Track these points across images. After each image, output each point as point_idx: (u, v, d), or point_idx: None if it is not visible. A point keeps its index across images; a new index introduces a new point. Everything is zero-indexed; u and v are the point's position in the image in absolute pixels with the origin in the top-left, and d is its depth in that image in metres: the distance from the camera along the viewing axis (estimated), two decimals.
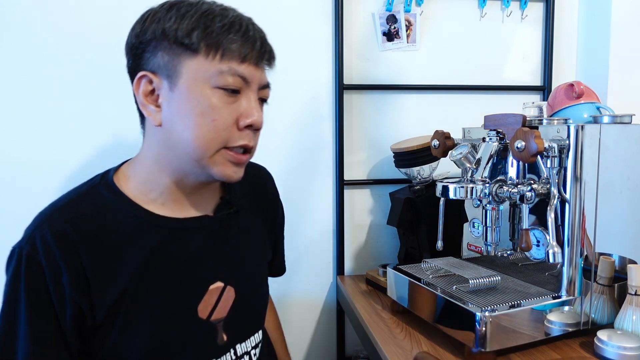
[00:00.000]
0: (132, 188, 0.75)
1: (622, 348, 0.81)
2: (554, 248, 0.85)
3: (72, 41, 1.25)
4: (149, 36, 0.69)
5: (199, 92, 0.69)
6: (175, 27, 0.68)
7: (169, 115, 0.70)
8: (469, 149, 0.95)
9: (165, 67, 0.69)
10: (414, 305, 1.02)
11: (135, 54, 0.71)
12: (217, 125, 0.69)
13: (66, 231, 0.68)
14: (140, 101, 0.72)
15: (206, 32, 0.67)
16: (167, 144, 0.72)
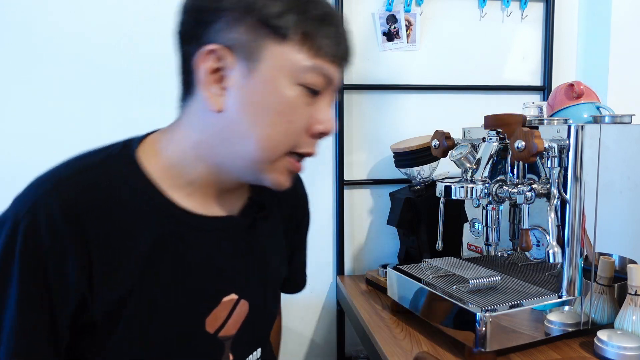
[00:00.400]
0: (158, 167, 0.63)
1: (622, 348, 0.81)
2: (554, 248, 0.85)
3: (72, 41, 1.25)
4: (227, 4, 0.58)
5: (281, 85, 0.59)
6: (265, 3, 0.57)
7: (236, 104, 0.60)
8: (469, 149, 0.95)
9: (243, 47, 0.58)
10: (414, 305, 1.02)
11: (203, 19, 0.59)
12: (291, 128, 0.61)
13: (77, 207, 0.57)
14: (201, 78, 0.60)
15: (301, 18, 0.58)
16: (222, 135, 0.61)
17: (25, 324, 0.56)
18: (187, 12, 0.62)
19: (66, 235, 0.56)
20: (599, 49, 1.44)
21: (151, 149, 0.65)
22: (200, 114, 0.62)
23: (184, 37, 0.63)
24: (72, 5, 1.24)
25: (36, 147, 1.26)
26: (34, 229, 0.55)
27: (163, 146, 0.65)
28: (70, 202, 0.57)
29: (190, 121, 0.64)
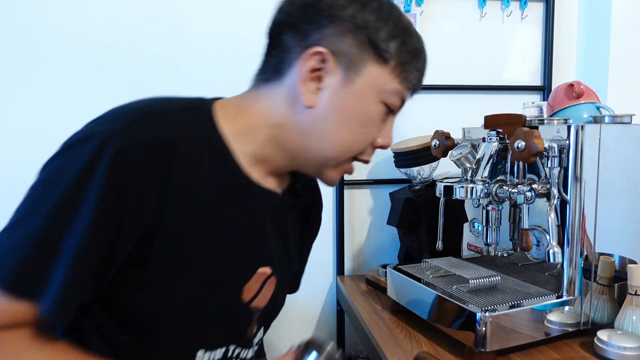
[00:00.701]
0: (231, 130, 0.66)
1: (622, 348, 0.81)
2: (554, 248, 0.85)
3: (72, 41, 1.25)
4: (345, 16, 0.62)
5: (369, 100, 0.66)
6: (376, 26, 0.63)
7: (326, 105, 0.64)
8: (469, 149, 0.95)
9: (347, 58, 0.63)
10: (414, 305, 1.02)
11: (317, 20, 0.63)
12: (365, 139, 0.68)
13: (164, 141, 0.58)
14: (301, 73, 0.64)
15: (402, 48, 0.65)
16: (304, 127, 0.66)
17: (87, 251, 0.55)
18: (302, 8, 0.64)
19: (154, 163, 0.57)
20: (599, 49, 1.44)
21: (226, 112, 0.66)
22: (286, 101, 0.66)
23: (289, 27, 0.65)
24: (72, 5, 1.24)
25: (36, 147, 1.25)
26: (124, 150, 0.55)
27: (236, 113, 0.67)
28: (159, 135, 0.58)
29: (272, 102, 0.67)
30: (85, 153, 0.55)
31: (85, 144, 0.55)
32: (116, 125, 0.57)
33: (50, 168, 0.57)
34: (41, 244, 0.55)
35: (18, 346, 0.55)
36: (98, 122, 0.59)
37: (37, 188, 0.57)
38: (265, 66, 0.68)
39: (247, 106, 0.68)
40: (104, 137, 0.55)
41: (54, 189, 0.55)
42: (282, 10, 0.66)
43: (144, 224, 0.57)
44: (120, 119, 0.58)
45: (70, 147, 0.57)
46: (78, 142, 0.57)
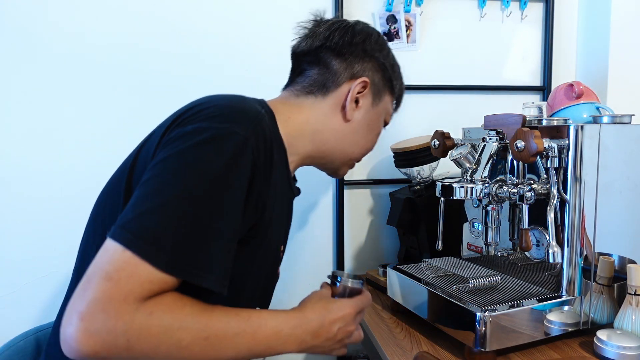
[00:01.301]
0: (284, 133, 0.79)
1: (621, 348, 0.82)
2: (553, 248, 0.85)
3: (71, 41, 1.25)
4: (377, 56, 0.87)
5: (380, 119, 0.93)
6: (392, 69, 0.91)
7: (360, 120, 0.88)
8: (469, 149, 0.95)
9: (377, 87, 0.88)
10: (414, 305, 1.03)
11: (360, 55, 0.86)
12: (372, 145, 0.95)
13: (270, 141, 0.71)
14: (351, 95, 0.85)
15: (400, 87, 0.94)
16: (340, 135, 0.87)
17: (236, 232, 0.66)
18: (351, 44, 0.85)
19: (268, 159, 0.70)
20: (598, 49, 1.44)
21: (280, 117, 0.80)
22: (329, 113, 0.86)
23: (337, 55, 0.85)
24: (72, 5, 1.24)
25: (35, 147, 1.26)
26: (257, 148, 0.67)
27: (287, 118, 0.82)
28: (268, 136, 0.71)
29: (317, 113, 0.85)
30: (231, 147, 0.64)
31: (228, 140, 0.64)
32: (247, 126, 0.67)
33: (192, 157, 0.63)
34: (199, 226, 0.60)
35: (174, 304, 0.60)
36: (224, 118, 0.67)
37: (180, 173, 0.62)
38: (306, 80, 0.87)
39: (295, 113, 0.84)
40: (244, 136, 0.66)
41: (203, 176, 0.62)
42: (324, 38, 0.85)
43: (259, 209, 0.70)
44: (245, 121, 0.68)
45: (212, 140, 0.64)
46: (216, 137, 0.64)
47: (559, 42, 1.49)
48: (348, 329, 0.78)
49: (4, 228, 1.25)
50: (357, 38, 0.86)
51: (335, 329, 0.76)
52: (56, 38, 1.24)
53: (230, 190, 0.63)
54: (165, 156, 0.64)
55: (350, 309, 0.77)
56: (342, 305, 0.77)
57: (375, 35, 0.89)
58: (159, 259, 0.57)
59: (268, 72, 1.34)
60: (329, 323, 0.75)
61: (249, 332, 0.65)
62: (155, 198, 0.60)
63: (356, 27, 0.87)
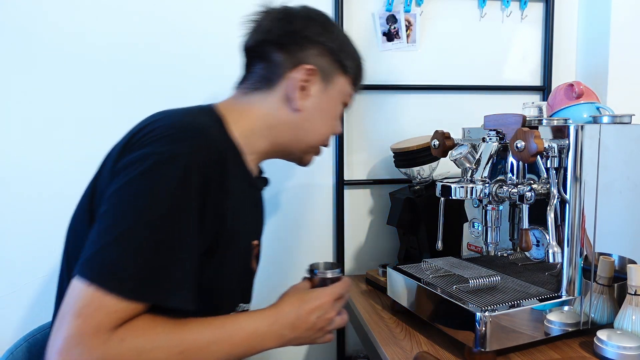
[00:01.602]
0: (237, 135, 0.80)
1: (621, 348, 0.81)
2: (553, 248, 0.85)
3: (71, 41, 1.25)
4: (321, 40, 0.85)
5: (337, 102, 0.90)
6: (341, 49, 0.87)
7: (312, 107, 0.85)
8: (469, 149, 0.95)
9: (324, 72, 0.86)
10: (414, 305, 1.03)
11: (300, 43, 0.84)
12: (334, 130, 0.92)
13: (219, 151, 0.72)
14: (295, 84, 0.83)
15: (356, 65, 0.91)
16: (293, 125, 0.85)
17: (196, 249, 0.68)
18: (289, 33, 0.84)
19: (221, 171, 0.71)
20: (598, 49, 1.44)
21: (230, 117, 0.81)
22: (279, 106, 0.84)
23: (277, 46, 0.83)
24: (71, 5, 1.24)
25: (35, 147, 1.26)
26: (204, 165, 0.68)
27: (238, 118, 0.82)
28: (217, 148, 0.72)
29: (266, 107, 0.84)
30: (177, 170, 0.66)
31: (172, 164, 0.66)
32: (191, 144, 0.69)
33: (139, 187, 0.65)
34: (157, 252, 0.63)
35: (146, 326, 0.64)
36: (168, 140, 0.68)
37: (131, 204, 0.65)
38: (253, 77, 0.86)
39: (246, 111, 0.84)
40: (187, 156, 0.67)
41: (153, 204, 0.64)
42: (264, 32, 0.84)
43: (218, 220, 0.71)
44: (189, 139, 0.69)
45: (156, 167, 0.66)
46: (161, 162, 0.66)
47: (559, 42, 1.49)
48: (327, 316, 0.79)
49: (4, 228, 1.25)
50: (298, 25, 0.84)
51: (314, 318, 0.78)
52: (56, 38, 1.24)
53: (181, 213, 0.65)
54: (117, 188, 0.66)
55: (327, 297, 0.79)
56: (318, 294, 0.80)
57: (319, 19, 0.87)
58: (122, 289, 0.61)
59: None
60: (306, 313, 0.77)
61: (225, 338, 0.70)
62: (112, 231, 0.63)
63: (297, 15, 0.86)
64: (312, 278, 0.85)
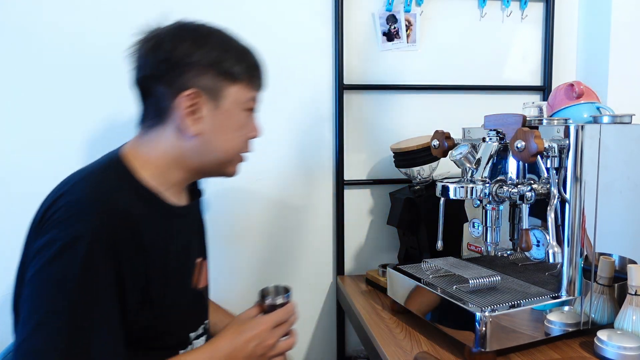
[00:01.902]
0: (149, 177, 0.82)
1: (622, 348, 0.81)
2: (554, 248, 0.85)
3: (69, 41, 1.25)
4: (195, 59, 0.80)
5: (237, 112, 0.85)
6: (223, 59, 0.82)
7: (209, 129, 0.83)
8: (469, 149, 0.95)
9: (210, 90, 0.81)
10: (414, 305, 1.02)
11: (176, 68, 0.80)
12: (244, 139, 0.89)
13: (129, 212, 0.75)
14: (183, 112, 0.80)
15: (246, 67, 0.84)
16: (198, 150, 0.84)
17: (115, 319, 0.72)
18: (160, 62, 0.80)
19: (129, 234, 0.74)
20: (599, 49, 1.44)
21: (137, 163, 0.82)
22: (176, 137, 0.83)
23: (155, 80, 0.81)
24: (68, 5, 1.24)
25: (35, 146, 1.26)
26: (108, 239, 0.71)
27: (144, 162, 0.83)
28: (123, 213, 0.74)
29: (166, 142, 0.83)
30: (80, 253, 0.68)
31: (74, 248, 0.69)
32: (93, 221, 0.71)
33: (48, 274, 0.69)
34: (77, 332, 0.68)
35: None
36: (68, 223, 0.71)
37: (44, 293, 0.69)
38: (146, 115, 0.85)
39: (149, 153, 0.83)
40: (91, 236, 0.70)
41: (64, 290, 0.68)
42: (142, 67, 0.82)
43: (140, 278, 0.75)
44: (90, 215, 0.72)
45: (60, 254, 0.69)
46: (64, 247, 0.69)
47: (559, 42, 1.49)
48: (265, 344, 0.83)
49: (4, 228, 1.25)
50: (167, 51, 0.79)
51: (251, 347, 0.82)
52: (55, 38, 1.24)
53: (91, 294, 0.69)
54: (31, 275, 0.70)
55: (264, 325, 0.83)
56: (255, 323, 0.84)
57: (189, 35, 0.82)
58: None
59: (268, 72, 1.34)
60: (243, 344, 0.82)
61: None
62: (31, 322, 0.67)
63: (165, 39, 0.81)
64: (262, 304, 0.87)
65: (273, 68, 1.35)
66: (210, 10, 1.31)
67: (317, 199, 1.42)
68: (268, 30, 1.34)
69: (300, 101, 1.38)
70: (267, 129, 1.36)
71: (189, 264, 0.89)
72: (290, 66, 1.36)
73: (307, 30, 1.36)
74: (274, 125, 1.36)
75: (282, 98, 1.36)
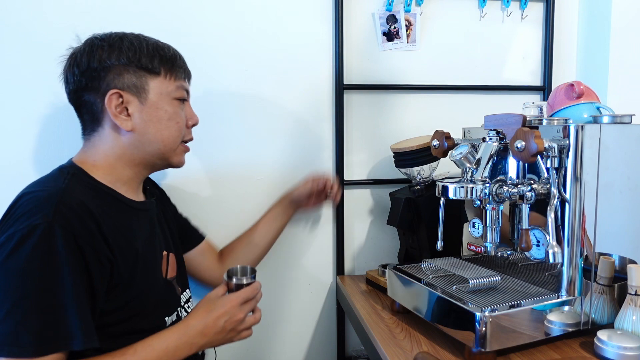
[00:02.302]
0: (102, 177, 0.89)
1: (622, 348, 0.81)
2: (554, 248, 0.85)
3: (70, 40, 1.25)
4: (112, 62, 0.87)
5: (165, 103, 0.92)
6: (138, 56, 0.89)
7: (140, 123, 0.90)
8: (469, 149, 0.95)
9: (133, 86, 0.89)
10: (414, 305, 1.02)
11: (96, 75, 0.87)
12: (179, 127, 0.95)
13: (85, 203, 0.80)
14: (112, 112, 0.88)
15: (163, 60, 0.91)
16: (137, 144, 0.91)
17: (81, 302, 0.76)
18: (82, 72, 0.88)
19: (88, 220, 0.79)
20: (599, 49, 1.44)
21: (89, 167, 0.89)
22: (114, 136, 0.91)
23: (82, 89, 0.89)
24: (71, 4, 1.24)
25: (35, 146, 1.26)
26: (65, 222, 0.76)
27: (93, 164, 0.90)
28: (79, 201, 0.80)
29: (107, 142, 0.91)
30: (39, 239, 0.74)
31: (32, 236, 0.74)
32: (48, 210, 0.76)
33: (11, 265, 0.74)
34: (46, 314, 0.73)
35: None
36: (26, 216, 0.76)
37: (10, 283, 0.73)
38: (85, 123, 0.92)
39: (95, 156, 0.91)
40: (46, 222, 0.75)
41: (28, 275, 0.73)
42: (69, 82, 0.90)
43: (105, 262, 0.81)
44: (46, 206, 0.77)
45: (20, 244, 0.74)
46: (23, 238, 0.74)
47: (559, 42, 1.49)
48: (235, 319, 0.90)
49: None
50: (83, 64, 0.87)
51: (222, 323, 0.89)
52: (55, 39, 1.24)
53: (54, 275, 0.74)
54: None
55: (233, 302, 0.90)
56: (224, 301, 0.90)
57: (101, 42, 0.89)
58: (26, 352, 0.71)
59: (268, 72, 1.34)
60: (213, 320, 0.88)
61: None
62: (2, 310, 0.72)
63: (79, 55, 0.89)
64: (229, 283, 0.93)
65: (273, 68, 1.35)
66: (210, 10, 1.31)
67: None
68: (268, 31, 1.34)
69: (300, 101, 1.38)
70: (267, 129, 1.37)
71: (155, 256, 0.95)
72: (290, 66, 1.36)
73: (307, 30, 1.36)
74: (274, 125, 1.36)
75: (282, 98, 1.36)
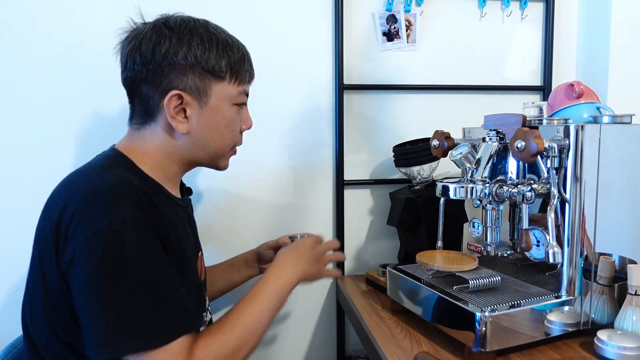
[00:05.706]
0: (148, 171, 0.85)
1: (622, 348, 0.81)
2: (554, 248, 0.85)
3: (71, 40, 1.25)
4: (180, 59, 0.81)
5: (225, 109, 0.87)
6: (206, 57, 0.82)
7: (197, 127, 0.85)
8: (469, 149, 0.95)
9: (195, 88, 0.83)
10: (414, 305, 1.02)
11: (159, 70, 0.81)
12: (235, 134, 0.91)
13: (148, 195, 0.78)
14: (169, 113, 0.82)
15: (231, 63, 0.85)
16: (189, 146, 0.87)
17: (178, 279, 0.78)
18: (145, 64, 0.81)
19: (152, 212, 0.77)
20: (599, 49, 1.44)
21: (136, 158, 0.85)
22: (168, 134, 0.86)
23: (141, 81, 0.83)
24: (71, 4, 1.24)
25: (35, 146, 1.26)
26: (142, 215, 0.74)
27: (142, 157, 0.85)
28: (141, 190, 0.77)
29: (158, 139, 0.86)
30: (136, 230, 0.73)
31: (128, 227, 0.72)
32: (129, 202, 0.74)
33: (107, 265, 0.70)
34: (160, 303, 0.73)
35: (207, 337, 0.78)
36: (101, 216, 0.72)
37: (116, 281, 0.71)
38: (136, 113, 0.87)
39: (144, 149, 0.86)
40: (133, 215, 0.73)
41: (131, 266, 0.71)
42: (129, 69, 0.83)
43: (176, 248, 0.80)
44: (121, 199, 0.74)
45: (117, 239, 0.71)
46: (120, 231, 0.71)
47: (559, 42, 1.49)
48: (317, 250, 1.00)
49: (4, 227, 1.25)
50: (149, 52, 0.80)
51: (308, 253, 0.98)
52: (55, 38, 1.24)
53: (154, 259, 0.74)
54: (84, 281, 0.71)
55: (308, 241, 1.01)
56: (300, 242, 1.02)
57: (170, 33, 0.81)
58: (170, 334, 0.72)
59: (268, 72, 1.34)
60: (301, 252, 0.97)
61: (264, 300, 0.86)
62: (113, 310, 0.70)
63: (145, 38, 0.81)
64: (293, 237, 1.11)
65: (273, 68, 1.35)
66: (210, 10, 1.31)
67: (317, 199, 1.42)
68: (268, 31, 1.34)
69: (301, 101, 1.38)
70: (267, 129, 1.37)
71: (194, 256, 0.93)
72: (290, 66, 1.36)
73: (307, 30, 1.36)
74: (274, 125, 1.36)
75: (283, 98, 1.36)
